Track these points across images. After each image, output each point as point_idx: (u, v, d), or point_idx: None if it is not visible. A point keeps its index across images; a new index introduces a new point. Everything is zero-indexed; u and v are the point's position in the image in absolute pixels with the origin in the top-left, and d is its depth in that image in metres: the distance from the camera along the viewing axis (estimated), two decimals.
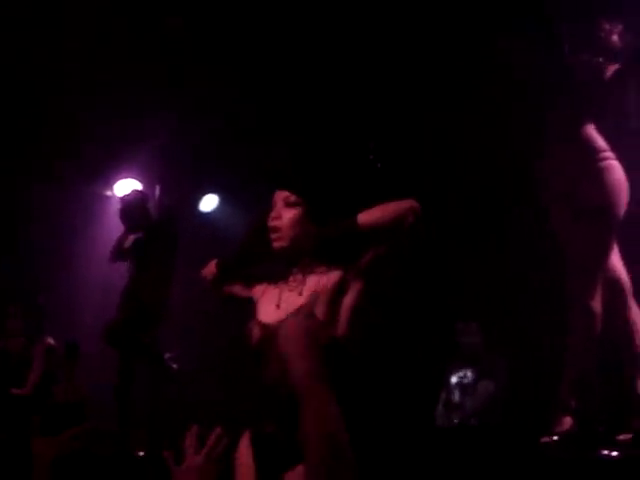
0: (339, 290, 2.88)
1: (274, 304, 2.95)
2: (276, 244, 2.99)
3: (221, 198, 7.72)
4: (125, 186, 7.48)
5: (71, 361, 6.94)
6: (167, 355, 6.45)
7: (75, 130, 6.59)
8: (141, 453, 5.57)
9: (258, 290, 3.07)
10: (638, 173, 4.66)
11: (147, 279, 6.27)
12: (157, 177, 7.26)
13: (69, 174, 7.17)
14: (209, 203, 7.76)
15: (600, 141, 4.63)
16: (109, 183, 7.60)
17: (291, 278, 2.98)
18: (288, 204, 3.00)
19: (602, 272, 4.59)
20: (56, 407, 6.51)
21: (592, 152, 4.60)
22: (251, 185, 7.32)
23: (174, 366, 6.46)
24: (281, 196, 3.02)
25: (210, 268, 3.21)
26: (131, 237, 6.45)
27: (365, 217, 2.89)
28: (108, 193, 7.65)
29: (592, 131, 4.65)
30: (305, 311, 2.84)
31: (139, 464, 5.31)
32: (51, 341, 6.87)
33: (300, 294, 2.91)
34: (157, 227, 6.45)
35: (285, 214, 2.99)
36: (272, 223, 3.00)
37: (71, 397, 6.71)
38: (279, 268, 3.05)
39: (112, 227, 7.31)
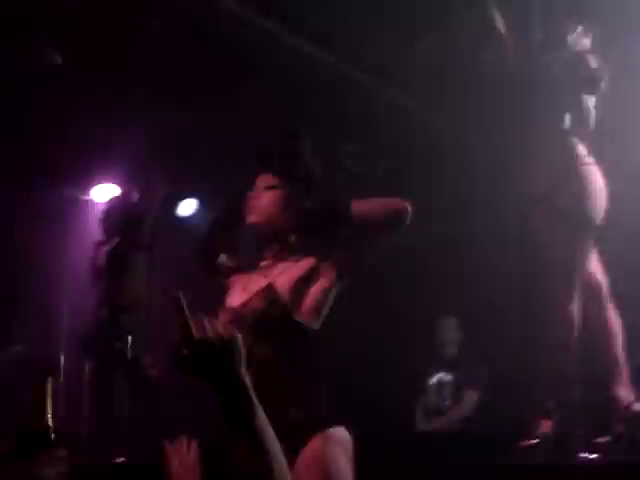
0: (307, 278, 2.87)
1: (241, 289, 2.95)
2: (251, 218, 3.00)
3: (200, 202, 7.69)
4: (103, 191, 7.47)
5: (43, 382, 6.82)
6: (146, 361, 6.41)
7: (50, 133, 6.53)
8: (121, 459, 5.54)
9: (230, 281, 3.07)
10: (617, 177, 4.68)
11: (121, 284, 6.24)
12: (135, 181, 7.21)
13: (45, 178, 7.10)
14: (187, 207, 7.72)
15: (580, 146, 4.64)
16: (86, 187, 7.55)
17: (261, 264, 2.99)
18: (267, 187, 3.03)
19: (580, 276, 4.60)
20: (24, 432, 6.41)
21: (572, 157, 4.61)
22: (231, 190, 7.30)
23: (153, 372, 6.41)
24: (262, 179, 3.05)
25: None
26: (103, 250, 6.43)
27: (361, 205, 2.88)
28: (85, 198, 7.59)
29: (572, 136, 4.66)
30: (268, 291, 2.82)
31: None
32: (20, 349, 6.78)
33: (266, 277, 2.90)
34: (132, 232, 6.44)
35: (265, 195, 3.01)
36: (250, 202, 3.02)
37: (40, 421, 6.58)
38: (251, 261, 3.05)
39: (89, 232, 7.31)
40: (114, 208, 6.54)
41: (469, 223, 6.62)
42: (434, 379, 6.25)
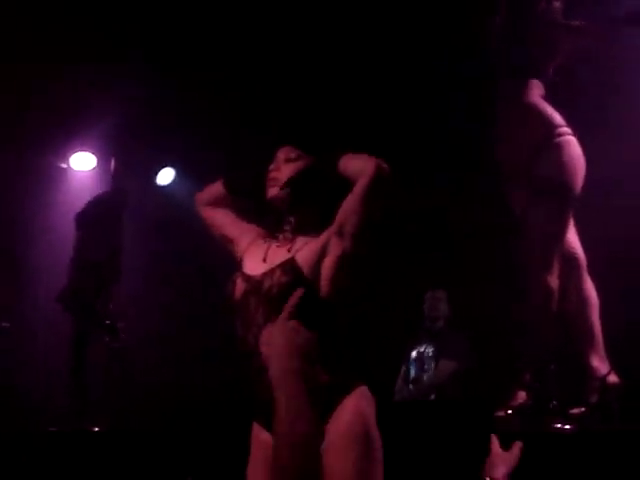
0: (324, 250, 2.86)
1: (261, 258, 2.93)
2: (272, 191, 2.97)
3: (178, 171, 7.66)
4: (80, 159, 7.44)
5: None
6: (119, 325, 6.43)
7: (27, 99, 6.49)
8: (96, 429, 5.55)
9: (244, 241, 3.04)
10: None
11: (96, 243, 6.30)
12: (113, 150, 7.18)
13: (21, 144, 7.06)
14: (166, 176, 7.69)
15: (557, 117, 4.64)
16: (65, 155, 7.51)
17: (281, 236, 2.96)
18: (288, 160, 3.00)
19: (560, 248, 4.63)
20: None
21: (549, 128, 4.61)
22: (208, 158, 7.29)
23: (122, 335, 6.45)
24: (283, 152, 3.02)
25: (216, 187, 3.14)
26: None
27: (348, 159, 2.91)
28: (63, 165, 7.55)
29: (548, 107, 4.66)
30: (291, 265, 2.83)
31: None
32: None
33: (289, 251, 2.89)
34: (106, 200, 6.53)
35: (285, 168, 2.99)
36: (271, 174, 2.99)
37: None
38: (268, 223, 3.04)
39: (68, 199, 7.30)
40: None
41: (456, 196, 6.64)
42: (415, 351, 6.27)
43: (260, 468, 2.83)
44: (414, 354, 6.26)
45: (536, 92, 4.67)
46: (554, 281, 4.59)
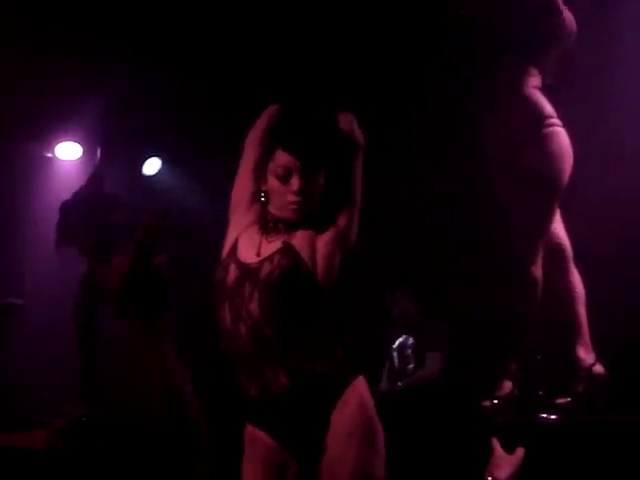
0: (318, 236, 2.88)
1: (254, 251, 2.88)
2: (297, 214, 2.89)
3: (164, 162, 7.64)
4: (66, 148, 7.41)
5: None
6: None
7: (12, 88, 6.45)
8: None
9: (246, 218, 2.98)
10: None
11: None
12: (99, 139, 7.15)
13: (6, 133, 7.02)
14: (152, 166, 7.67)
15: (547, 107, 4.63)
16: (50, 144, 7.48)
17: (274, 233, 2.90)
18: (302, 171, 2.90)
19: (544, 238, 4.63)
20: None
21: (539, 117, 4.60)
22: (195, 149, 7.27)
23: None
24: (291, 161, 2.89)
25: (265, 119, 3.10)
26: None
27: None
28: (49, 155, 7.53)
29: (539, 96, 4.65)
30: (290, 251, 2.81)
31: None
32: None
33: (285, 238, 2.87)
34: None
35: (306, 186, 2.88)
36: (301, 195, 2.88)
37: None
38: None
39: (53, 188, 7.26)
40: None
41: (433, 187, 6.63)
42: (396, 343, 6.27)
43: (256, 466, 2.82)
44: (395, 346, 6.26)
45: (532, 83, 4.65)
46: (538, 271, 4.59)
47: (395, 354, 6.27)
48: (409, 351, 6.22)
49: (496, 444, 2.87)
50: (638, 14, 5.22)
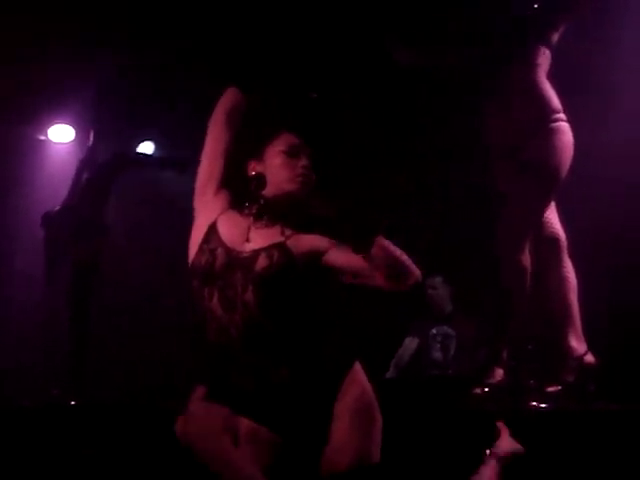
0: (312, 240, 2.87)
1: (243, 237, 2.85)
2: (307, 187, 2.90)
3: (157, 144, 7.62)
4: (59, 131, 7.40)
5: None
6: None
7: (4, 71, 6.43)
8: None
9: (215, 206, 2.95)
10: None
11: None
12: (92, 122, 7.13)
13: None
14: (145, 149, 7.65)
15: (555, 101, 4.63)
16: (43, 127, 7.47)
17: (262, 219, 2.88)
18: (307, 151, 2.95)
19: (535, 229, 4.63)
20: None
21: (546, 111, 4.60)
22: (188, 132, 7.23)
23: None
24: (298, 141, 2.95)
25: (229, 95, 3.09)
26: None
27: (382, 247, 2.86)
28: (42, 137, 7.51)
29: (548, 89, 4.64)
30: (283, 249, 2.80)
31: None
32: None
33: (282, 234, 2.84)
34: None
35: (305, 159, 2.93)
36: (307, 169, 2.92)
37: None
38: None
39: (46, 171, 7.31)
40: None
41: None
42: (434, 331, 6.16)
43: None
44: (432, 334, 6.13)
45: (543, 68, 4.63)
46: (526, 259, 4.60)
47: (435, 344, 6.12)
48: (449, 342, 6.09)
49: (503, 427, 2.93)
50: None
